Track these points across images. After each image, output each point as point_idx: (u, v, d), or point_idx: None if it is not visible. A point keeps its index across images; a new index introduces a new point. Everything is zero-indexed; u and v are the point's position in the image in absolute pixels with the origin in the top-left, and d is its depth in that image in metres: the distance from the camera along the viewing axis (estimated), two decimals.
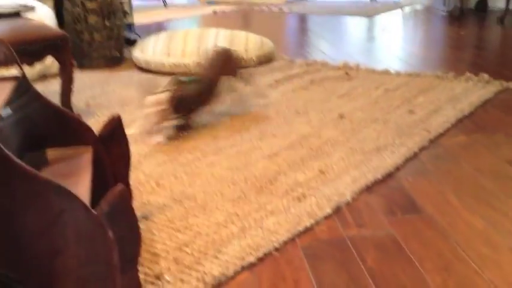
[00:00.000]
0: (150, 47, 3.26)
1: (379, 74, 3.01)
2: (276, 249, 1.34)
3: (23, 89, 1.31)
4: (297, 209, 1.52)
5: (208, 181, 1.72)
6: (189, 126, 2.22)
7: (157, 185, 1.70)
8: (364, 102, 2.50)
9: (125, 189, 1.04)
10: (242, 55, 3.15)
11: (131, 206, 1.08)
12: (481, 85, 2.68)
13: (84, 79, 3.07)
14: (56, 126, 1.35)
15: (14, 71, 1.35)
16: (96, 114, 2.43)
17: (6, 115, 1.23)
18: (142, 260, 1.27)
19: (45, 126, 1.35)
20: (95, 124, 2.20)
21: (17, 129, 1.28)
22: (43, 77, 3.09)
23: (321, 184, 1.67)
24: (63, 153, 1.33)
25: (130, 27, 4.15)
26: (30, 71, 2.91)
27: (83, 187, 1.14)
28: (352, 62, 3.22)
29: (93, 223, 0.95)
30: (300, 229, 1.42)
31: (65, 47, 2.31)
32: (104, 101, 2.66)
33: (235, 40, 3.25)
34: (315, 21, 5.25)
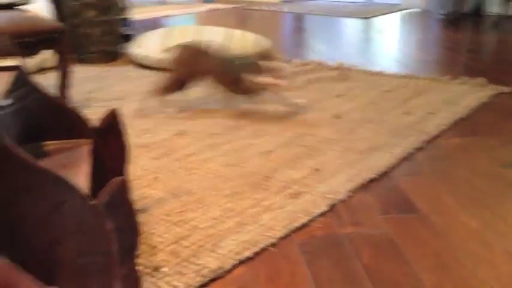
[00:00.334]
0: (146, 43, 3.26)
1: (376, 75, 3.03)
2: (273, 245, 1.34)
3: (21, 80, 1.31)
4: (292, 205, 1.53)
5: (204, 176, 1.72)
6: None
7: (154, 179, 1.70)
8: (360, 102, 2.51)
9: (123, 181, 1.04)
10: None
11: (130, 198, 1.08)
12: (477, 88, 2.70)
13: (81, 73, 3.07)
14: (54, 119, 1.35)
15: (11, 62, 1.35)
16: (93, 108, 2.43)
17: (6, 105, 1.23)
18: (140, 252, 1.28)
19: (43, 118, 1.34)
20: (92, 117, 2.20)
21: (15, 120, 1.28)
22: (41, 69, 3.08)
23: (316, 182, 1.68)
24: (62, 146, 1.33)
25: (127, 23, 4.14)
26: (29, 64, 2.90)
27: (81, 178, 1.14)
28: (348, 63, 3.23)
29: (92, 214, 0.95)
30: (296, 225, 1.43)
31: (61, 40, 2.30)
32: (101, 95, 2.65)
33: (231, 38, 3.25)
34: (311, 22, 5.26)
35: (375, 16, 5.50)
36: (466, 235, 1.40)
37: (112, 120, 1.34)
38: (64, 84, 2.35)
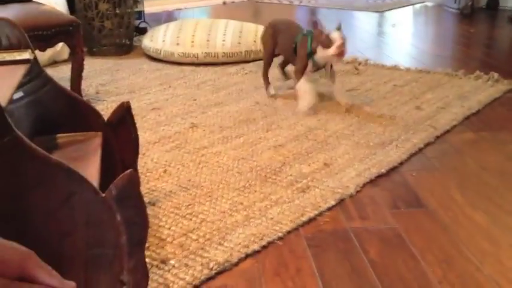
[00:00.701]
0: (159, 36, 3.27)
1: (388, 69, 3.01)
2: (280, 239, 1.36)
3: (34, 73, 1.33)
4: (301, 199, 1.54)
5: (214, 170, 1.74)
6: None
7: (164, 172, 1.72)
8: (372, 97, 2.51)
9: (134, 174, 1.06)
10: (251, 47, 3.16)
11: (139, 191, 1.10)
12: (490, 83, 2.67)
13: (94, 66, 3.09)
14: (66, 111, 1.37)
15: (25, 55, 1.37)
16: (105, 101, 2.45)
17: (18, 97, 1.25)
18: (149, 245, 1.30)
19: (56, 110, 1.36)
20: (104, 110, 2.22)
21: (28, 113, 1.30)
22: (53, 62, 3.11)
23: (325, 176, 1.69)
24: (73, 138, 1.35)
25: (140, 16, 4.16)
26: (41, 57, 2.93)
27: (92, 171, 1.16)
28: (361, 57, 3.22)
29: (102, 206, 0.97)
30: (304, 219, 1.44)
31: (76, 33, 2.33)
32: (114, 87, 2.68)
33: (244, 32, 3.25)
34: (324, 15, 5.24)
35: (389, 10, 5.46)
36: (473, 230, 1.40)
37: (123, 113, 1.35)
38: (77, 76, 2.37)
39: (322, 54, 2.23)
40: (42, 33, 2.23)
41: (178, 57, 3.15)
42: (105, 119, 1.34)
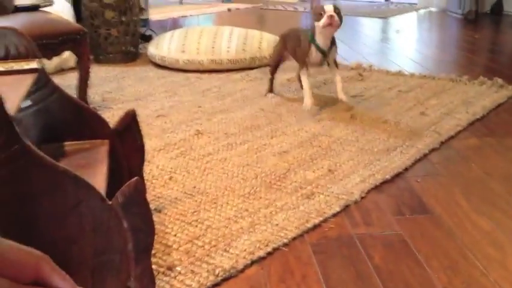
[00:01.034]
0: (165, 44, 3.29)
1: (393, 75, 3.02)
2: (285, 245, 1.37)
3: (42, 82, 1.35)
4: (306, 206, 1.55)
5: (219, 176, 1.75)
6: None
7: (170, 178, 1.73)
8: (376, 103, 2.52)
9: (140, 182, 1.07)
10: (256, 53, 3.18)
11: (146, 198, 1.11)
12: (495, 89, 2.68)
13: (100, 73, 3.11)
14: (73, 119, 1.39)
15: (33, 65, 1.38)
16: (111, 108, 2.47)
17: (26, 106, 1.26)
18: (155, 251, 1.31)
19: (63, 118, 1.38)
20: (110, 118, 2.24)
21: (35, 121, 1.32)
22: (60, 70, 3.14)
23: (329, 182, 1.70)
24: (80, 146, 1.36)
25: (146, 23, 4.19)
26: (48, 65, 2.96)
27: (99, 178, 1.17)
28: (365, 62, 3.23)
29: (109, 213, 0.98)
30: (309, 226, 1.45)
31: (83, 41, 2.35)
32: (119, 95, 2.70)
33: (249, 38, 3.27)
34: None
35: (393, 16, 5.47)
36: (478, 236, 1.40)
37: (129, 120, 1.37)
38: (83, 84, 2.39)
39: (318, 30, 2.30)
40: (50, 42, 2.25)
41: (184, 65, 3.17)
42: (112, 126, 1.36)
